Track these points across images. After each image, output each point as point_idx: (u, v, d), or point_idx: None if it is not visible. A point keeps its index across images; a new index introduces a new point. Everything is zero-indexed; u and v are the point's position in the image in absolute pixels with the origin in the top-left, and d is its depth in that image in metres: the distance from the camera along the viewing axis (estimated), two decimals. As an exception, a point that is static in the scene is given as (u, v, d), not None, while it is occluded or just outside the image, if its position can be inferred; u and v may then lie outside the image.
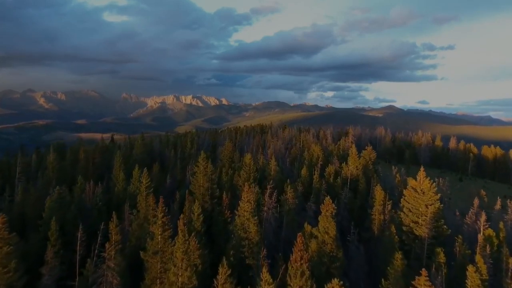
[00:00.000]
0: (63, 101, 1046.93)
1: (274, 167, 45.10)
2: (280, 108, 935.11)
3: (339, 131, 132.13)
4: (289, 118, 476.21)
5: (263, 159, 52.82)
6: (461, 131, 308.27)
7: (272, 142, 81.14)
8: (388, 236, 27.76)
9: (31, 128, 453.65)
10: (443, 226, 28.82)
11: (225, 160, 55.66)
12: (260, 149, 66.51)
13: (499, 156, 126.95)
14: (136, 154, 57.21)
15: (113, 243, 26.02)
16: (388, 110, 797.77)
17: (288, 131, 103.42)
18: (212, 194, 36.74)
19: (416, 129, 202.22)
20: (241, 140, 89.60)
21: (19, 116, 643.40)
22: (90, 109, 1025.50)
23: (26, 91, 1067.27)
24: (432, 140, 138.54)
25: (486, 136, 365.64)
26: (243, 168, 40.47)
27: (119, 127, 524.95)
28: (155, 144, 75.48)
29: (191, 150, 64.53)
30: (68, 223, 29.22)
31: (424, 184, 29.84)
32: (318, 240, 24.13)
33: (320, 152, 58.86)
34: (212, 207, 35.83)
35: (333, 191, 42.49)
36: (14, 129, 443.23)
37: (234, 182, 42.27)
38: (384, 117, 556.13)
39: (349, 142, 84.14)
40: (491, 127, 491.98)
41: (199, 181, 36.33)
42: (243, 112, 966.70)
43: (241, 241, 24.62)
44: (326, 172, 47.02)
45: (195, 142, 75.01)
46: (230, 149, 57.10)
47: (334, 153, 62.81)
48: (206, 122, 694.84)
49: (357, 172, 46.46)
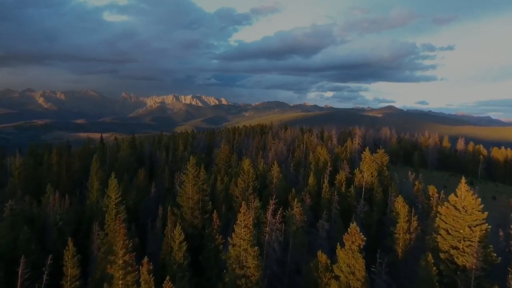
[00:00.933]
0: (62, 101, 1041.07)
1: (277, 173, 38.94)
2: (280, 108, 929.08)
3: (343, 132, 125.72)
4: (288, 118, 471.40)
5: (263, 163, 46.65)
6: (461, 132, 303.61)
7: (273, 143, 74.92)
8: (424, 267, 21.64)
9: (29, 127, 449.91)
10: (492, 253, 22.75)
11: (220, 164, 49.57)
12: (260, 152, 60.22)
13: (510, 158, 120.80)
14: (123, 157, 50.87)
15: (69, 279, 19.89)
16: (388, 110, 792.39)
17: (290, 132, 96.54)
18: (203, 208, 30.58)
19: (416, 129, 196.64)
20: (240, 141, 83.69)
21: (18, 116, 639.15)
22: (89, 109, 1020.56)
23: (25, 90, 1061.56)
24: (440, 142, 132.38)
25: (486, 136, 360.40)
26: (241, 176, 34.27)
27: (119, 127, 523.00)
28: (146, 145, 69.17)
29: (183, 152, 58.31)
30: (20, 248, 23.17)
31: (466, 199, 23.72)
32: (340, 282, 17.93)
33: (327, 155, 52.63)
34: (203, 224, 29.70)
35: (345, 203, 36.42)
36: (13, 128, 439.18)
37: (230, 192, 36.23)
38: (383, 118, 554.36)
39: (356, 144, 77.85)
40: (491, 127, 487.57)
41: (187, 192, 30.20)
42: (243, 112, 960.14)
43: (236, 279, 18.50)
44: (336, 180, 40.84)
45: (188, 143, 68.99)
46: (226, 152, 50.95)
47: (342, 156, 56.50)
48: (206, 122, 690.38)
49: (372, 179, 40.30)
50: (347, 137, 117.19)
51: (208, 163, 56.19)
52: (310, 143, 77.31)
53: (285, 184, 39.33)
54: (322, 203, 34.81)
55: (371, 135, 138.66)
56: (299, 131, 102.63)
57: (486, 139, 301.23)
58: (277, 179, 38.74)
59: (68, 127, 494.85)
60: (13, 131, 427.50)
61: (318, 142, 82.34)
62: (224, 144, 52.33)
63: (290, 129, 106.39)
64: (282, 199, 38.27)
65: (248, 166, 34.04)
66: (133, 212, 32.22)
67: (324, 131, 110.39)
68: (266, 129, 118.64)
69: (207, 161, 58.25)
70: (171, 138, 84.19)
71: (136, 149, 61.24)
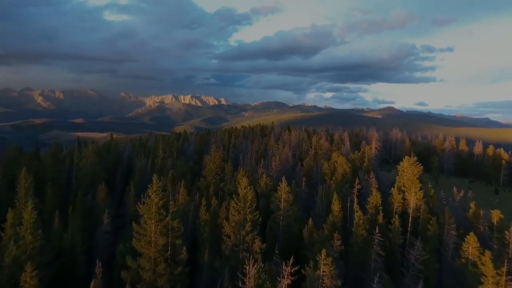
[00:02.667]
0: (61, 100, 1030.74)
1: (286, 194, 27.54)
2: (279, 109, 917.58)
3: (349, 134, 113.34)
4: (288, 118, 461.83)
5: (265, 177, 35.34)
6: (460, 133, 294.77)
7: (276, 148, 63.41)
8: None
9: (27, 127, 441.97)
10: None
11: (210, 177, 37.84)
12: (261, 160, 48.64)
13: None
14: (86, 166, 39.46)
15: None
16: (387, 111, 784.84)
17: (295, 134, 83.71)
18: (174, 258, 19.26)
19: (415, 130, 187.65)
20: (237, 144, 71.45)
21: (17, 115, 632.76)
22: (88, 108, 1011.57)
23: (24, 89, 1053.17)
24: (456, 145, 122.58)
25: (487, 138, 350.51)
26: (235, 203, 22.79)
27: (117, 127, 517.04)
28: (127, 149, 57.47)
29: (164, 160, 45.10)
30: None
31: None
32: None
33: (346, 165, 41.24)
34: (173, 286, 18.41)
35: (386, 239, 25.03)
36: (10, 127, 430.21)
37: (219, 222, 24.89)
38: (383, 118, 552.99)
39: (374, 149, 66.36)
40: (490, 129, 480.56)
41: (149, 233, 18.95)
42: (242, 112, 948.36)
43: None
44: (368, 204, 29.31)
45: (174, 148, 56.61)
46: (218, 160, 39.35)
47: (364, 167, 44.85)
48: (205, 122, 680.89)
49: (417, 202, 28.86)
50: (358, 140, 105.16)
51: (196, 173, 44.71)
52: (320, 147, 65.75)
53: (298, 210, 27.84)
54: (355, 244, 23.32)
55: (380, 137, 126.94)
56: (304, 132, 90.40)
57: (486, 141, 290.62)
58: (286, 203, 27.37)
59: (66, 126, 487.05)
60: (11, 130, 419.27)
61: (328, 146, 70.73)
62: (214, 150, 40.15)
63: (294, 130, 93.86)
64: (295, 234, 26.90)
65: (245, 189, 22.61)
66: (68, 260, 20.86)
67: (334, 133, 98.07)
68: (267, 130, 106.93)
69: (195, 170, 46.50)
70: (158, 140, 71.70)
71: (109, 154, 49.36)
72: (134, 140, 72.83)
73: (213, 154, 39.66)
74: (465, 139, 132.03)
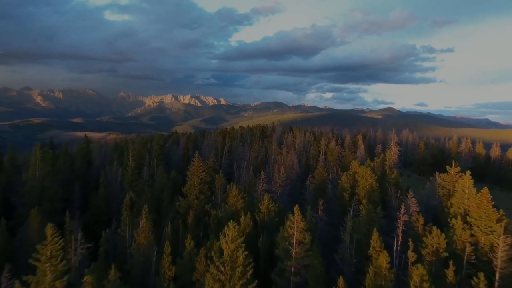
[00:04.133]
0: (60, 100, 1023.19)
1: (300, 232, 17.84)
2: (279, 109, 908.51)
3: (356, 135, 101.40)
4: (288, 118, 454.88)
5: (268, 200, 24.88)
6: (460, 134, 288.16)
7: (279, 153, 53.51)
8: None
9: (25, 126, 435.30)
10: None
11: (192, 196, 27.94)
12: (262, 170, 37.74)
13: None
14: (32, 179, 29.64)
15: None
16: (387, 111, 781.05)
17: (300, 136, 72.18)
18: None
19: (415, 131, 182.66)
20: (233, 148, 61.11)
21: (15, 114, 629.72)
22: (87, 108, 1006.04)
23: (23, 89, 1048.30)
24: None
25: (486, 138, 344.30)
26: (218, 268, 12.89)
27: (116, 126, 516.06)
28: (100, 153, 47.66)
29: (133, 171, 34.07)
30: None
31: None
32: None
33: (372, 178, 31.65)
34: None
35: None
36: (8, 127, 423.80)
37: (194, 279, 15.15)
38: (383, 119, 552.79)
39: (393, 154, 56.49)
40: (490, 130, 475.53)
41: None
42: (242, 112, 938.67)
43: None
44: (424, 246, 19.17)
45: (155, 153, 45.05)
46: (201, 173, 29.80)
47: (392, 179, 34.99)
48: (204, 122, 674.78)
49: (504, 247, 18.85)
50: (368, 142, 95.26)
51: (178, 187, 34.05)
52: (331, 152, 56.02)
53: (319, 263, 17.58)
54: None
55: (391, 137, 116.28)
56: (310, 134, 79.70)
57: (486, 142, 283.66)
58: (300, 246, 17.58)
59: (65, 126, 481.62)
60: (9, 129, 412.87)
61: (339, 151, 60.79)
62: (197, 160, 30.49)
63: (299, 131, 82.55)
64: None
65: (234, 243, 12.68)
66: None
67: (344, 135, 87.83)
68: (267, 131, 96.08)
69: (179, 184, 34.45)
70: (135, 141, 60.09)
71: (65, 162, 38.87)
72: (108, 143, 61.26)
73: (196, 165, 29.92)
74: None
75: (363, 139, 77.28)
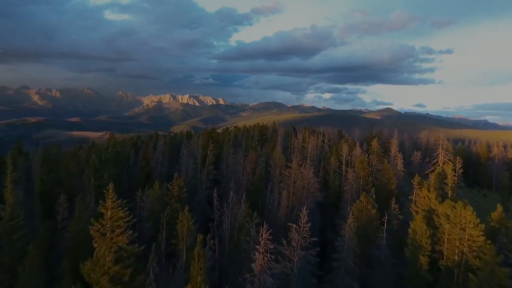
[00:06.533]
0: (57, 99, 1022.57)
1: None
2: (278, 109, 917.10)
3: (367, 137, 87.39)
4: (286, 118, 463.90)
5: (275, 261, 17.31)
6: (459, 135, 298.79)
7: (287, 168, 37.43)
8: None
9: (21, 125, 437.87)
10: None
11: None
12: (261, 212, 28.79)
13: None
14: None
15: None
16: (386, 112, 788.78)
17: (313, 139, 53.80)
18: None
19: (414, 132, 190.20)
20: (223, 155, 46.83)
21: (12, 113, 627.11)
22: (85, 107, 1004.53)
23: (21, 87, 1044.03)
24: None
25: (486, 139, 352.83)
26: None
27: (114, 126, 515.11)
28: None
29: (100, 181, 27.92)
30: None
31: None
32: None
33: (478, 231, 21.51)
34: None
35: None
36: (4, 126, 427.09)
37: None
38: (382, 120, 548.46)
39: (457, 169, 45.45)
40: (488, 131, 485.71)
41: None
42: (240, 112, 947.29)
43: None
44: None
45: (122, 161, 36.62)
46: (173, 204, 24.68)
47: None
48: (203, 122, 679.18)
49: None
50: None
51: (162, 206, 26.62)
52: (361, 164, 41.97)
53: None
54: None
55: (406, 139, 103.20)
56: (319, 137, 59.87)
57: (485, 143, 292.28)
58: None
59: (62, 125, 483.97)
60: (5, 128, 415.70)
61: (365, 158, 45.90)
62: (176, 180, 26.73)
63: (308, 132, 65.72)
64: None
65: None
66: None
67: (376, 137, 72.10)
68: (267, 133, 76.78)
69: (163, 201, 27.42)
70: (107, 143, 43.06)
71: None
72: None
73: (176, 182, 25.98)
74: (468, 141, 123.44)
75: (378, 142, 59.55)
